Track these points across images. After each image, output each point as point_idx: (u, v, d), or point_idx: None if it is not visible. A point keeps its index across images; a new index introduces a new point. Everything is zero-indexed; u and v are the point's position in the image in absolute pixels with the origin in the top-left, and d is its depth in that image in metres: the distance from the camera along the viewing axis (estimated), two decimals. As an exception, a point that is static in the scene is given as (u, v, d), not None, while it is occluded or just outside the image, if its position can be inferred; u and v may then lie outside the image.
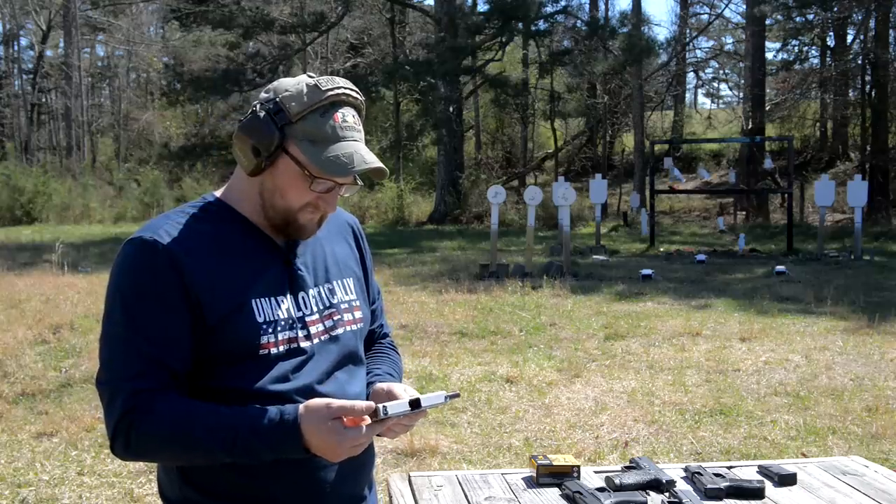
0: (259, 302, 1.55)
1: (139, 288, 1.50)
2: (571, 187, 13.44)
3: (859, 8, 21.08)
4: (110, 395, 1.48)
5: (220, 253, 1.56)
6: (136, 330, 1.49)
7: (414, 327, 8.15)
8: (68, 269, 11.69)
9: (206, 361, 1.53)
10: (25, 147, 31.91)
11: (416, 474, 2.29)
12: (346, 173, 1.52)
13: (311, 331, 1.61)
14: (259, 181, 1.57)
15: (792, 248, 15.01)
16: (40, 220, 22.82)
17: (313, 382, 1.58)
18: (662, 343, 7.59)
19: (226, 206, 1.62)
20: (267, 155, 1.51)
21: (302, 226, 1.59)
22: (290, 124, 1.51)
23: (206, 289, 1.50)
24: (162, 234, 1.52)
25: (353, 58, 28.88)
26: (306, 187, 1.54)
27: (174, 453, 1.50)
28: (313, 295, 1.65)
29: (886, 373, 6.49)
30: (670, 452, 4.76)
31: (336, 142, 1.51)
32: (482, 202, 20.99)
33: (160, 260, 1.49)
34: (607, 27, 24.60)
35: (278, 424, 1.43)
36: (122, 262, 1.53)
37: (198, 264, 1.51)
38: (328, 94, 1.52)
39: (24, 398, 5.89)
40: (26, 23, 36.93)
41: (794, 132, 24.43)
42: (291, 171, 1.53)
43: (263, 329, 1.54)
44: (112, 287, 1.53)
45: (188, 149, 24.81)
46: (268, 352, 1.54)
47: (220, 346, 1.52)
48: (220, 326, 1.51)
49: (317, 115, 1.51)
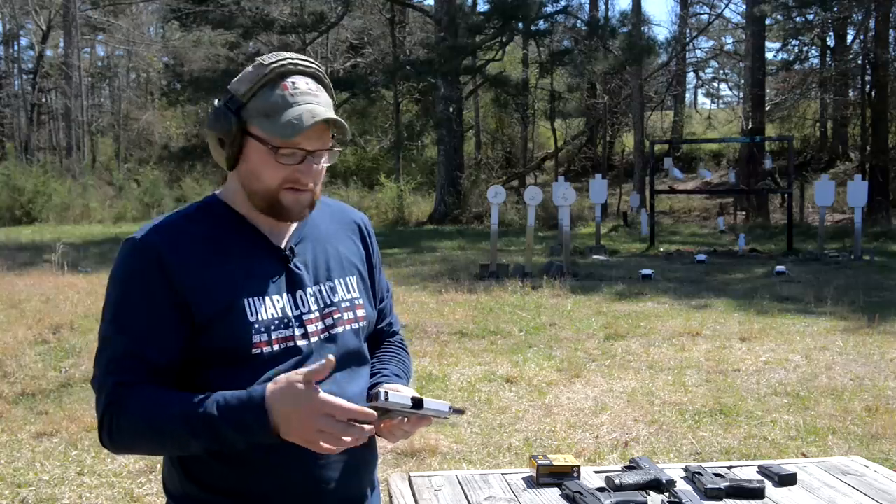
0: (251, 301, 1.54)
1: (125, 286, 1.53)
2: (571, 187, 13.44)
3: (859, 8, 21.08)
4: (97, 390, 1.52)
5: (211, 252, 1.55)
6: (120, 327, 1.51)
7: (414, 327, 8.15)
8: (68, 269, 11.69)
9: (200, 361, 1.53)
10: (25, 147, 31.89)
11: (416, 474, 2.29)
12: (299, 132, 1.49)
13: (308, 329, 1.59)
14: (238, 172, 1.58)
15: (792, 248, 15.01)
16: (40, 220, 22.80)
17: None
18: (662, 343, 7.59)
19: (223, 205, 1.62)
20: (230, 141, 1.53)
21: (286, 207, 1.56)
22: (244, 106, 1.52)
23: (194, 288, 1.51)
24: (151, 234, 1.54)
25: (353, 58, 28.85)
26: (275, 162, 1.53)
27: (150, 443, 1.50)
28: (312, 293, 1.62)
29: (886, 373, 6.49)
30: (670, 452, 4.76)
31: (288, 108, 1.51)
32: (482, 202, 20.98)
33: (146, 258, 1.51)
34: (607, 27, 24.59)
35: (245, 402, 1.41)
36: (116, 261, 1.56)
37: (186, 263, 1.52)
38: (272, 67, 1.52)
39: (24, 398, 5.89)
40: (26, 23, 36.92)
41: (794, 132, 24.42)
42: (257, 150, 1.53)
43: (255, 328, 1.53)
44: (107, 287, 1.57)
45: (188, 149, 24.78)
46: (260, 351, 1.52)
47: (212, 344, 1.52)
48: (210, 325, 1.51)
49: (266, 89, 1.52)
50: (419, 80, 22.00)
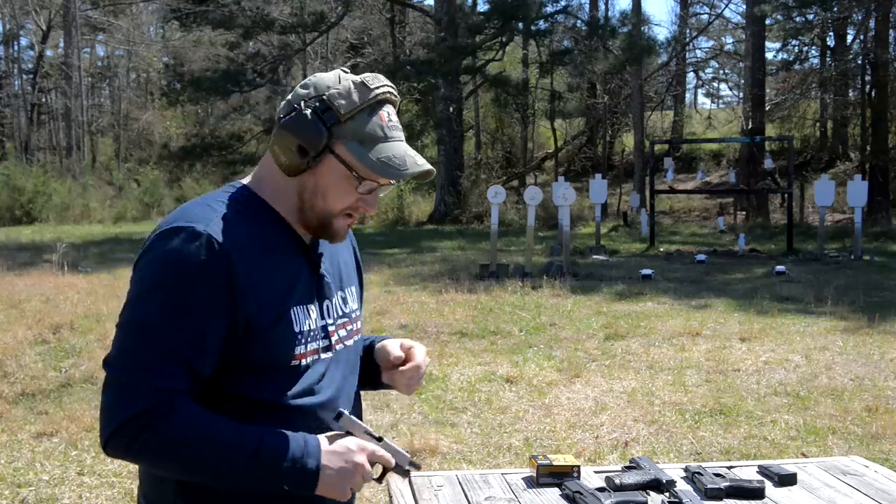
0: (297, 311, 1.50)
1: (187, 282, 1.39)
2: (571, 187, 13.44)
3: (859, 8, 21.08)
4: (126, 386, 1.38)
5: (265, 255, 1.48)
6: (175, 326, 1.39)
7: (414, 327, 8.15)
8: (68, 269, 11.68)
9: (233, 369, 1.45)
10: (25, 147, 31.90)
11: (416, 474, 2.29)
12: (400, 175, 1.46)
13: (332, 341, 1.58)
14: (299, 181, 1.50)
15: (792, 248, 15.01)
16: (40, 220, 22.80)
17: (334, 396, 1.56)
18: (662, 343, 7.59)
19: (260, 200, 1.53)
20: (314, 155, 1.45)
21: (336, 230, 1.54)
22: (339, 124, 1.45)
23: (254, 296, 1.43)
24: (215, 229, 1.42)
25: (353, 58, 28.85)
26: (352, 189, 1.49)
27: (179, 468, 1.42)
28: (336, 303, 1.61)
29: (886, 373, 6.49)
30: (670, 452, 4.76)
31: (384, 142, 1.47)
32: (482, 202, 20.98)
33: (215, 258, 1.40)
34: (607, 27, 24.60)
35: (298, 469, 1.40)
36: (168, 250, 1.41)
37: (249, 267, 1.43)
38: (376, 93, 1.48)
39: (24, 398, 5.89)
40: (26, 23, 36.93)
41: (794, 132, 24.43)
42: (337, 172, 1.47)
43: (299, 340, 1.49)
44: (148, 274, 1.42)
45: (188, 149, 24.78)
46: (298, 363, 1.49)
47: (255, 354, 1.45)
48: (260, 335, 1.44)
49: (365, 114, 1.47)
50: (419, 80, 22.00)
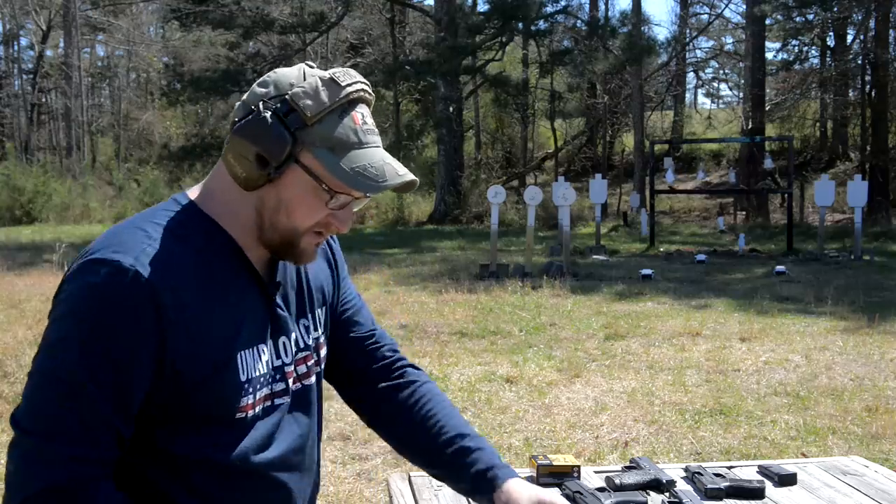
0: (244, 355, 1.27)
1: (108, 328, 1.17)
2: (571, 187, 13.44)
3: (859, 8, 21.08)
4: (35, 452, 1.17)
5: (206, 289, 1.23)
6: (96, 381, 1.16)
7: (414, 327, 8.15)
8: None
9: (168, 421, 1.24)
10: (25, 147, 31.90)
11: (416, 474, 2.29)
12: (378, 189, 1.22)
13: (288, 383, 1.36)
14: (258, 195, 1.26)
15: (792, 248, 15.01)
16: (40, 220, 22.82)
17: (291, 448, 1.36)
18: (662, 343, 7.59)
19: (207, 220, 1.28)
20: (276, 165, 1.21)
21: (302, 251, 1.30)
22: (305, 128, 1.21)
23: (188, 341, 1.20)
24: (143, 261, 1.18)
25: (353, 58, 28.86)
26: (321, 204, 1.25)
27: None
28: (296, 337, 1.39)
29: (886, 373, 6.49)
30: (670, 452, 4.76)
31: (359, 148, 1.23)
32: (482, 202, 20.98)
33: (139, 297, 1.17)
34: (607, 27, 24.61)
35: None
36: (89, 288, 1.18)
37: (183, 307, 1.20)
38: (348, 90, 1.23)
39: (24, 398, 5.89)
40: (26, 23, 36.93)
41: (794, 132, 24.43)
42: (303, 184, 1.23)
43: (245, 389, 1.27)
44: (67, 315, 1.19)
45: (188, 149, 24.81)
46: (245, 415, 1.28)
47: (191, 409, 1.24)
48: (196, 388, 1.22)
49: (335, 116, 1.22)
50: (419, 80, 22.02)
